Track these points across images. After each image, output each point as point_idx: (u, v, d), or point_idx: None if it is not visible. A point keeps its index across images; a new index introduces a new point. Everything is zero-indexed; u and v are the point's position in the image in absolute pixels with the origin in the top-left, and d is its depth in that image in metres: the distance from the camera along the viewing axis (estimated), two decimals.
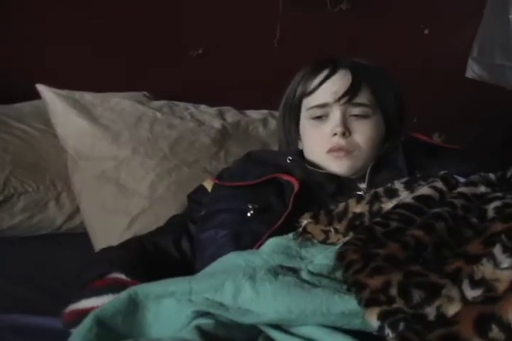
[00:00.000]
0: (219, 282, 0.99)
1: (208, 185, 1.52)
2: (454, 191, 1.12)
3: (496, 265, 0.85)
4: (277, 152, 1.62)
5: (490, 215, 1.04)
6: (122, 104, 1.86)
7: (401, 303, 0.86)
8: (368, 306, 0.88)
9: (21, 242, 1.69)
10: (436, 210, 1.05)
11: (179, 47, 2.31)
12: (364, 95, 1.42)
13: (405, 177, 1.27)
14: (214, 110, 1.99)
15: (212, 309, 0.97)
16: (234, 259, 1.10)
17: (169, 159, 1.73)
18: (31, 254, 1.63)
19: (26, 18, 2.07)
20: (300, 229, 1.19)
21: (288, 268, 1.03)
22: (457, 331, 0.78)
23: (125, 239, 1.49)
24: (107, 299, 1.10)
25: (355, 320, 0.92)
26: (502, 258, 0.85)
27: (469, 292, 0.83)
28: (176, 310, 0.98)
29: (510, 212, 1.01)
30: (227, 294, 0.97)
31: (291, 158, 1.45)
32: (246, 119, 1.99)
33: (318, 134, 1.43)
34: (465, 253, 0.94)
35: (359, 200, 1.21)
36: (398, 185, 1.21)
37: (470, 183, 1.14)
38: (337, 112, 1.40)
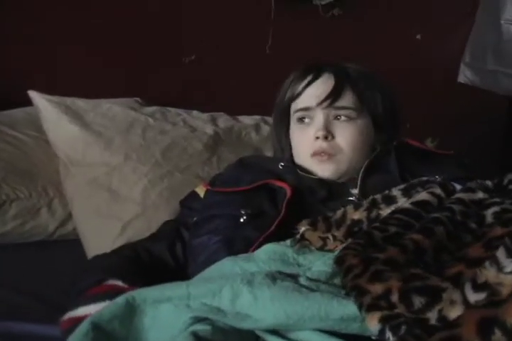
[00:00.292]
0: (217, 287, 0.99)
1: (201, 191, 1.51)
2: (453, 197, 1.12)
3: (500, 269, 0.84)
4: (270, 158, 1.63)
5: (488, 220, 1.04)
6: (114, 110, 1.85)
7: (402, 309, 0.86)
8: (370, 311, 0.88)
9: (14, 249, 1.68)
10: (435, 215, 1.05)
11: (172, 53, 2.31)
12: (348, 98, 1.42)
13: (397, 182, 1.27)
14: (206, 116, 1.99)
15: (210, 315, 0.96)
16: (230, 266, 1.10)
17: (161, 165, 1.73)
18: (24, 261, 1.62)
19: (21, 21, 2.08)
20: (298, 236, 1.19)
21: (286, 274, 1.03)
22: (460, 334, 0.78)
23: (118, 245, 1.48)
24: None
25: (353, 325, 0.92)
26: (506, 262, 0.84)
27: (472, 295, 0.83)
28: (174, 315, 0.98)
29: (509, 217, 1.01)
30: (225, 299, 0.97)
31: (283, 164, 1.46)
32: (238, 125, 1.99)
33: (303, 138, 1.44)
34: (465, 256, 0.94)
35: (357, 207, 1.21)
36: (396, 192, 1.22)
37: (468, 189, 1.14)
38: (320, 116, 1.41)
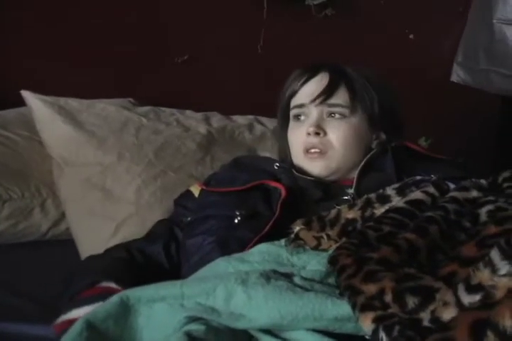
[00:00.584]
0: (211, 286, 0.98)
1: (195, 190, 1.51)
2: (447, 196, 1.12)
3: (494, 271, 0.83)
4: (265, 158, 1.63)
5: (482, 219, 1.04)
6: (108, 110, 1.84)
7: (396, 309, 0.86)
8: (363, 311, 0.88)
9: (6, 249, 1.68)
10: (428, 214, 1.05)
11: (164, 53, 2.31)
12: (341, 96, 1.43)
13: (394, 182, 1.28)
14: (200, 115, 1.98)
15: (204, 314, 0.96)
16: (224, 266, 1.10)
17: (155, 165, 1.72)
18: (17, 261, 1.61)
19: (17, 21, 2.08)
20: (292, 236, 1.18)
21: (280, 273, 1.03)
22: (452, 336, 0.78)
23: (111, 245, 1.47)
24: None
25: (347, 325, 0.92)
26: (501, 264, 0.84)
27: (465, 297, 0.83)
28: (168, 315, 0.98)
29: (503, 215, 1.01)
30: (219, 298, 0.97)
31: (278, 165, 1.46)
32: (232, 124, 1.99)
33: (297, 135, 1.45)
34: (459, 255, 0.94)
35: (351, 206, 1.21)
36: (390, 191, 1.22)
37: (462, 188, 1.14)
38: (314, 113, 1.43)
